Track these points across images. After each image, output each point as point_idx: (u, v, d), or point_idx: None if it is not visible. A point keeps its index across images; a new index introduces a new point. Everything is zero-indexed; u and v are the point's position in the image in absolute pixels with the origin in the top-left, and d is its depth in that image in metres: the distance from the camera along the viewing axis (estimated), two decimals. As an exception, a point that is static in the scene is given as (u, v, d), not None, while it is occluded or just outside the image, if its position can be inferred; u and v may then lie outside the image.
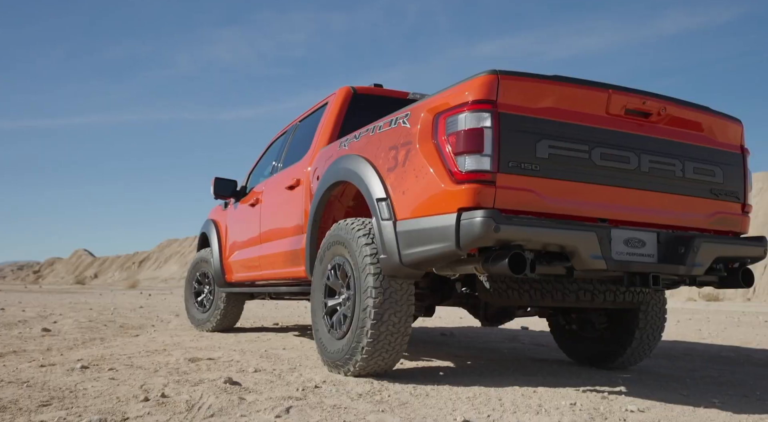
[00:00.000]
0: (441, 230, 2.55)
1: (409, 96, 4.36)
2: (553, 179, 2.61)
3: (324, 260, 3.39)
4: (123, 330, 5.89)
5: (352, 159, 3.26)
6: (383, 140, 3.06)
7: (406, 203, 2.81)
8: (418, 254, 2.70)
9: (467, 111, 2.55)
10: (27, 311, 8.92)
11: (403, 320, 2.95)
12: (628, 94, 2.78)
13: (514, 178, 2.54)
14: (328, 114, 4.14)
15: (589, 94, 2.73)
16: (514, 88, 2.59)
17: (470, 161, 2.52)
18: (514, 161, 2.55)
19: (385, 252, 2.85)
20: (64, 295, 19.10)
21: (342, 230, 3.21)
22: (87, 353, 4.04)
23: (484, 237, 2.42)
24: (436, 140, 2.69)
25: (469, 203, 2.48)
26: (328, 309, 3.30)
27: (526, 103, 2.61)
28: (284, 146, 4.88)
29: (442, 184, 2.59)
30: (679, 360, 4.38)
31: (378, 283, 2.91)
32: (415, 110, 2.88)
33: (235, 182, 5.47)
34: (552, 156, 2.62)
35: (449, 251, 2.54)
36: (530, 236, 2.47)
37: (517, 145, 2.56)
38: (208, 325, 5.70)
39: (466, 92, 2.59)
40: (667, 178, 2.87)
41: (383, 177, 2.97)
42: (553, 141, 2.62)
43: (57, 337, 5.03)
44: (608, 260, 2.59)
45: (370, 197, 3.00)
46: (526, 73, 2.62)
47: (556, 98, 2.66)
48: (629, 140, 2.79)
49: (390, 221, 2.85)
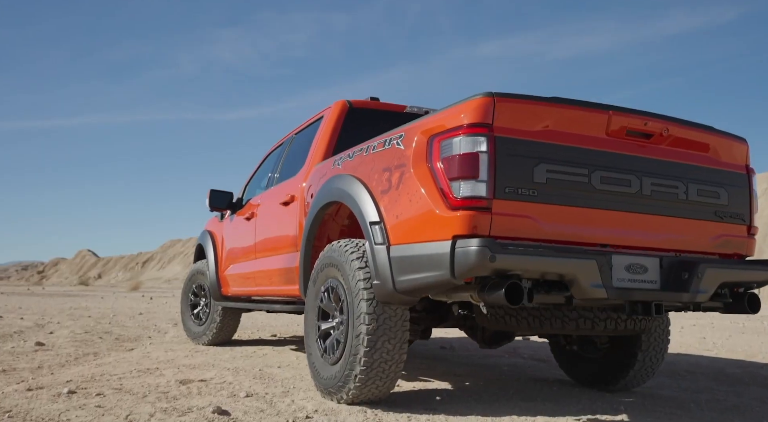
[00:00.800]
0: (435, 257, 2.46)
1: (407, 109, 4.27)
2: (552, 205, 2.53)
3: (317, 282, 3.30)
4: (118, 342, 5.82)
5: (345, 179, 3.17)
6: (377, 160, 2.98)
7: (400, 228, 2.72)
8: (413, 281, 2.61)
9: (462, 135, 2.47)
10: (25, 319, 8.87)
11: (398, 347, 2.87)
12: (629, 116, 2.69)
13: (510, 204, 2.45)
14: (323, 129, 4.06)
15: (588, 116, 2.64)
16: (510, 110, 2.50)
17: (465, 186, 2.43)
18: (511, 186, 2.46)
19: (379, 278, 2.76)
20: (65, 298, 19.08)
21: (335, 252, 3.13)
22: (78, 372, 3.97)
23: (479, 267, 2.33)
24: (430, 163, 2.60)
25: (464, 231, 2.40)
26: (321, 333, 3.21)
27: (523, 126, 2.52)
28: (280, 159, 4.80)
29: (436, 209, 2.50)
30: (683, 379, 4.28)
31: (371, 309, 2.82)
32: (410, 131, 2.80)
33: (231, 194, 5.39)
34: (550, 181, 2.53)
35: (444, 279, 2.45)
36: (527, 266, 2.38)
37: (514, 170, 2.47)
38: (204, 338, 5.63)
39: (461, 115, 2.51)
40: (670, 201, 2.78)
41: (377, 200, 2.89)
42: (551, 165, 2.53)
43: (50, 352, 4.96)
44: (609, 288, 2.50)
45: (363, 220, 2.91)
46: (523, 96, 2.53)
47: (555, 120, 2.57)
48: (630, 163, 2.70)
49: (383, 246, 2.76)
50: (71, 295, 23.07)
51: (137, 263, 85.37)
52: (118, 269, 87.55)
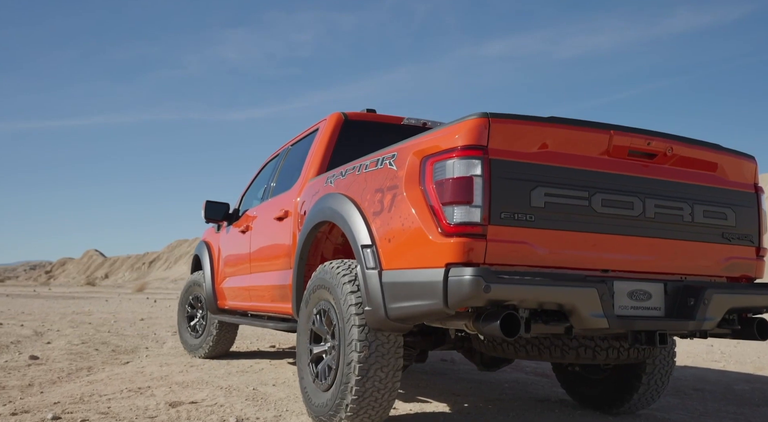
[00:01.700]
0: (428, 286, 2.35)
1: (404, 121, 4.16)
2: (550, 230, 2.41)
3: (309, 304, 3.20)
4: (114, 354, 5.74)
5: (337, 199, 3.06)
6: (369, 180, 2.87)
7: (393, 252, 2.61)
8: (405, 309, 2.50)
9: (456, 157, 2.35)
10: (26, 325, 8.82)
11: (391, 375, 2.76)
12: (632, 135, 2.57)
13: (506, 230, 2.34)
14: (318, 142, 3.95)
15: (588, 136, 2.52)
16: (506, 131, 2.38)
17: (459, 212, 2.32)
18: (507, 211, 2.34)
19: (370, 304, 2.65)
20: (69, 301, 19.08)
21: (327, 274, 3.02)
22: (67, 392, 3.88)
23: (473, 297, 2.22)
24: (423, 186, 2.49)
25: (458, 258, 2.29)
26: (313, 356, 3.11)
27: (520, 147, 2.40)
28: (276, 171, 4.70)
29: (429, 235, 2.39)
30: (690, 398, 4.15)
31: (363, 335, 2.72)
32: (402, 150, 2.69)
33: (227, 205, 5.29)
34: (548, 205, 2.41)
35: (437, 309, 2.34)
36: (524, 295, 2.27)
37: (510, 194, 2.35)
38: (200, 351, 5.54)
39: (455, 136, 2.39)
40: (675, 223, 2.66)
41: (369, 222, 2.78)
42: (549, 188, 2.42)
43: (43, 366, 4.88)
44: (610, 318, 2.38)
45: (354, 242, 2.80)
46: (519, 116, 2.41)
47: (553, 141, 2.46)
48: (633, 184, 2.58)
49: (375, 271, 2.65)
50: (76, 297, 23.09)
51: (144, 263, 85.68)
52: (125, 269, 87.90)
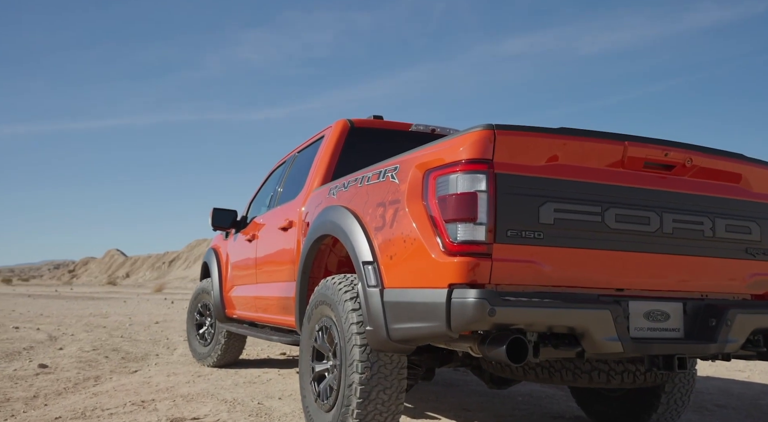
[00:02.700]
0: (430, 307, 2.23)
1: (412, 128, 4.04)
2: (560, 248, 2.27)
3: (312, 320, 3.10)
4: (123, 362, 5.71)
5: (339, 212, 2.95)
6: (371, 193, 2.75)
7: (394, 270, 2.49)
8: (407, 330, 2.38)
9: (459, 172, 2.23)
10: (41, 330, 8.88)
11: (394, 397, 2.64)
12: (648, 146, 2.42)
13: (513, 248, 2.21)
14: (323, 150, 3.85)
15: (601, 148, 2.37)
16: (512, 144, 2.25)
17: (462, 230, 2.19)
18: (514, 229, 2.21)
19: (372, 324, 2.54)
20: (88, 302, 19.29)
21: (329, 290, 2.91)
22: (70, 404, 3.83)
23: (477, 321, 2.10)
24: (425, 201, 2.37)
25: (461, 279, 2.16)
26: (315, 375, 3.00)
27: (528, 160, 2.27)
28: (282, 179, 4.61)
29: (431, 253, 2.27)
30: (712, 416, 3.97)
31: (365, 356, 2.61)
32: (405, 163, 2.57)
33: (234, 212, 5.22)
34: (558, 221, 2.27)
35: (439, 332, 2.22)
36: (532, 319, 2.14)
37: (517, 210, 2.22)
38: (209, 360, 5.48)
39: (459, 148, 2.27)
40: (695, 239, 2.50)
41: (371, 237, 2.67)
42: (559, 204, 2.28)
43: (51, 376, 4.86)
44: (625, 341, 2.24)
45: (356, 258, 2.69)
46: (527, 127, 2.28)
47: (563, 153, 2.32)
48: (649, 198, 2.43)
49: (377, 289, 2.54)
50: (96, 298, 23.37)
51: (164, 262, 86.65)
52: (145, 268, 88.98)
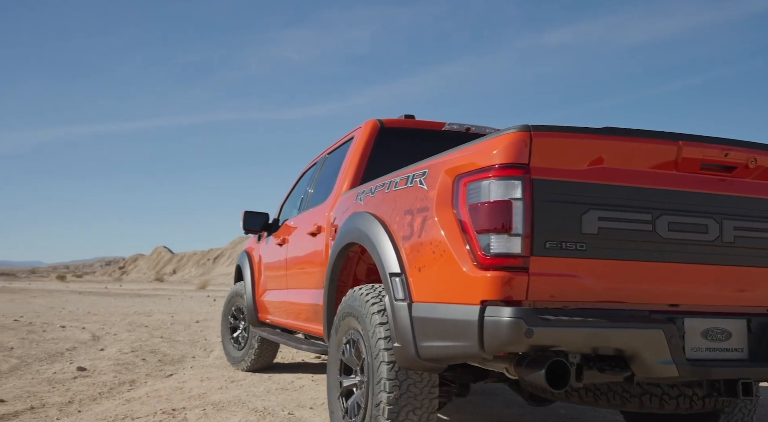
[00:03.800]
0: (461, 325, 2.06)
1: (445, 127, 3.84)
2: (606, 260, 2.05)
3: (339, 332, 2.95)
4: (160, 365, 5.72)
5: (365, 219, 2.80)
6: (399, 200, 2.59)
7: (423, 283, 2.32)
8: (437, 349, 2.21)
9: (492, 178, 2.04)
10: (86, 329, 9.08)
11: (425, 418, 2.47)
12: (705, 145, 2.17)
13: (552, 262, 2.00)
14: (352, 153, 3.70)
15: (651, 149, 2.14)
16: (551, 146, 2.04)
17: (496, 241, 2.00)
18: (553, 240, 2.01)
19: (400, 340, 2.37)
20: (134, 300, 19.80)
21: (356, 301, 2.76)
22: (102, 412, 3.81)
23: (513, 342, 1.91)
24: (456, 209, 2.18)
25: (495, 295, 1.97)
26: (343, 390, 2.86)
27: (568, 164, 2.06)
28: (312, 181, 4.49)
29: (462, 266, 2.09)
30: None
31: (393, 374, 2.44)
32: (434, 167, 2.39)
33: (266, 215, 5.14)
34: (603, 231, 2.05)
35: (472, 352, 2.04)
36: (574, 340, 1.94)
37: (557, 219, 2.01)
38: (243, 364, 5.42)
39: (492, 152, 2.07)
40: (759, 247, 2.23)
41: (398, 247, 2.50)
42: (604, 211, 2.06)
43: (89, 380, 4.89)
44: (681, 364, 2.00)
45: (382, 269, 2.53)
46: (567, 128, 2.06)
47: (608, 156, 2.09)
48: (707, 203, 2.18)
49: (405, 303, 2.37)
50: (142, 295, 24.00)
51: (208, 259, 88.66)
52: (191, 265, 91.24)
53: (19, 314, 11.89)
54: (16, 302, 16.85)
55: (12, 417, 3.68)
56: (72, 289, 30.21)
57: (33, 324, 9.75)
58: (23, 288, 29.82)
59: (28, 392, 4.36)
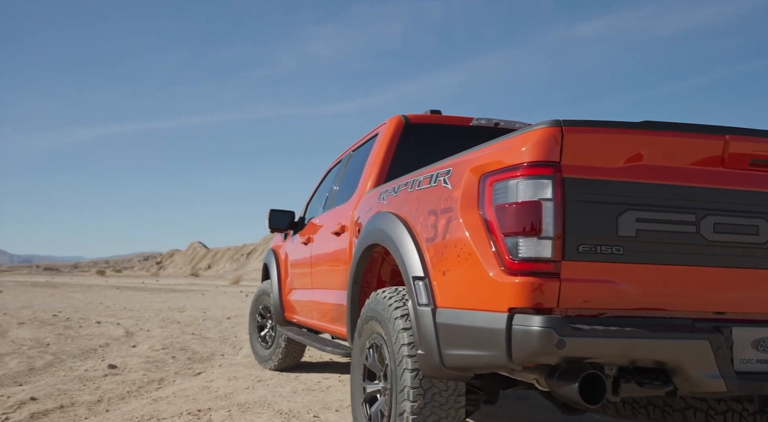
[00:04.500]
0: (488, 333, 1.94)
1: (473, 123, 3.70)
2: (645, 265, 1.90)
3: (363, 336, 2.86)
4: (189, 363, 5.74)
5: (388, 220, 2.69)
6: (422, 200, 2.47)
7: (448, 288, 2.20)
8: (462, 357, 2.09)
9: (520, 177, 1.90)
10: (121, 325, 9.23)
11: (450, 428, 2.36)
12: (755, 140, 1.99)
13: (586, 266, 1.86)
14: (376, 150, 3.59)
15: (695, 144, 1.97)
16: (584, 143, 1.90)
17: (525, 245, 1.87)
18: (587, 243, 1.87)
19: (423, 347, 2.26)
20: (170, 295, 20.16)
21: (378, 305, 2.66)
22: (129, 412, 3.81)
23: (543, 353, 1.78)
24: (482, 210, 2.06)
25: (524, 303, 1.85)
26: (366, 396, 2.77)
27: (603, 161, 1.91)
28: (337, 179, 4.40)
29: (489, 271, 1.97)
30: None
31: (417, 382, 2.34)
32: (458, 165, 2.26)
33: (292, 213, 5.08)
34: (642, 233, 1.90)
35: (499, 363, 1.92)
36: (610, 351, 1.80)
37: (591, 221, 1.87)
38: (270, 363, 5.39)
39: (521, 149, 1.94)
40: (817, 250, 2.04)
41: (422, 249, 2.39)
42: (643, 212, 1.91)
43: (118, 378, 4.92)
44: (729, 378, 1.85)
45: (405, 272, 2.42)
46: (601, 123, 1.92)
47: (647, 152, 1.94)
48: (757, 202, 2.00)
49: (428, 308, 2.26)
50: (177, 290, 24.44)
51: (242, 254, 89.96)
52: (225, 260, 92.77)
53: (58, 309, 12.20)
54: (57, 297, 17.32)
55: (42, 416, 3.71)
56: (110, 284, 31.00)
57: (70, 319, 9.97)
58: (64, 283, 30.74)
59: (59, 389, 4.41)
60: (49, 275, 52.61)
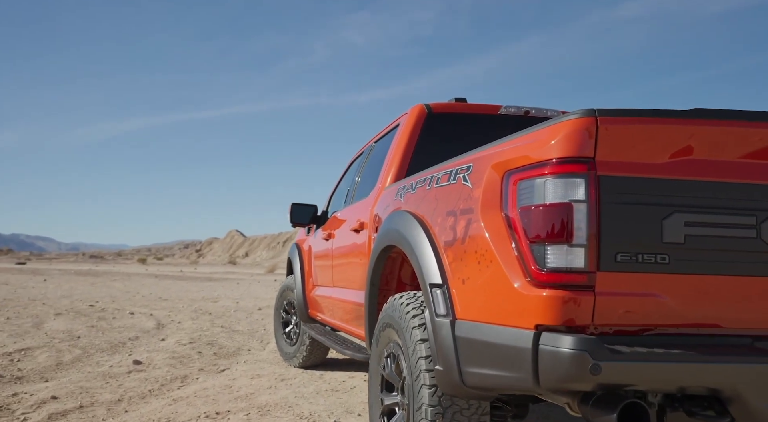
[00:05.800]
0: (512, 352, 1.71)
1: (501, 111, 3.43)
2: (694, 275, 1.65)
3: (380, 343, 2.67)
4: (214, 359, 5.67)
5: (405, 219, 2.47)
6: (440, 199, 2.24)
7: (468, 298, 1.98)
8: (484, 377, 1.88)
9: (548, 175, 1.66)
10: (153, 316, 9.30)
11: (473, 449, 2.15)
12: (830, 128, 1.69)
13: (625, 278, 1.62)
14: (397, 142, 3.37)
15: (754, 135, 1.69)
16: (622, 135, 1.64)
17: (553, 253, 1.64)
18: (626, 251, 1.62)
19: (442, 363, 2.05)
20: (206, 283, 20.45)
21: (395, 312, 2.46)
22: (148, 412, 3.73)
23: (575, 379, 1.55)
24: (505, 211, 1.82)
25: (553, 320, 1.62)
26: (384, 408, 2.58)
27: (645, 156, 1.65)
28: (359, 172, 4.20)
29: (513, 282, 1.74)
30: None
31: (435, 399, 2.13)
32: (479, 161, 2.03)
33: (314, 207, 4.91)
34: (691, 239, 1.64)
35: (525, 386, 1.70)
36: (654, 377, 1.55)
37: (631, 225, 1.62)
38: (294, 361, 5.27)
39: (549, 142, 1.70)
40: None
41: (440, 253, 2.17)
42: (692, 214, 1.64)
43: (142, 374, 4.87)
44: (795, 409, 1.58)
45: (422, 279, 2.21)
46: (642, 112, 1.65)
47: (697, 145, 1.67)
48: (831, 201, 1.71)
49: (447, 320, 2.04)
50: (213, 279, 24.80)
51: (278, 242, 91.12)
52: (262, 248, 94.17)
53: (95, 299, 12.43)
54: (97, 286, 17.73)
55: (60, 416, 3.66)
56: (150, 272, 31.72)
57: (105, 310, 10.11)
58: (106, 272, 31.58)
59: (81, 387, 4.37)
60: (94, 263, 54.32)
